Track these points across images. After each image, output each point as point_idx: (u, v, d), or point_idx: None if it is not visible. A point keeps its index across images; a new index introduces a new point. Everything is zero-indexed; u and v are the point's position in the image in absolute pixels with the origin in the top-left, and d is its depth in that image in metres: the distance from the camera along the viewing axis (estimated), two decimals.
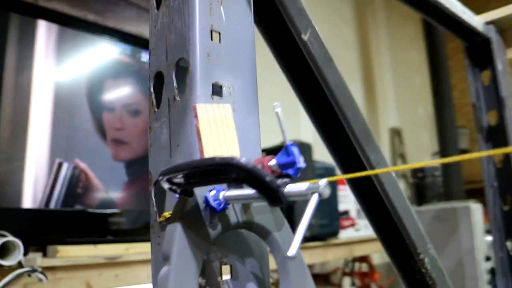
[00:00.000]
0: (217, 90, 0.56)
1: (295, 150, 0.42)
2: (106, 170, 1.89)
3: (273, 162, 0.44)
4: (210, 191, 0.46)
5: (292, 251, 0.35)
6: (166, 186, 0.45)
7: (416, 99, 6.05)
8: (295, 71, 0.80)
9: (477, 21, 1.35)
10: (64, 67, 1.87)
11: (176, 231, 0.44)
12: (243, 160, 0.36)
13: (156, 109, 0.60)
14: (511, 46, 1.43)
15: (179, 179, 0.42)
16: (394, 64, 5.63)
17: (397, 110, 5.42)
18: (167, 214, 0.55)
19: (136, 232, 1.87)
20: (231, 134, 0.47)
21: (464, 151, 4.64)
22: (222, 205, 0.45)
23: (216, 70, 0.57)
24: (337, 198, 3.18)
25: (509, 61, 1.42)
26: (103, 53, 2.06)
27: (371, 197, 0.88)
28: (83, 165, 1.83)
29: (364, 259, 4.02)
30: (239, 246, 0.55)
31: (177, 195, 0.48)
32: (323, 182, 0.38)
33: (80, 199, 1.82)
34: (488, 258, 2.23)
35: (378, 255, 4.27)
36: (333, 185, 3.22)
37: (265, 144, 0.99)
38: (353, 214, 3.51)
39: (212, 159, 0.38)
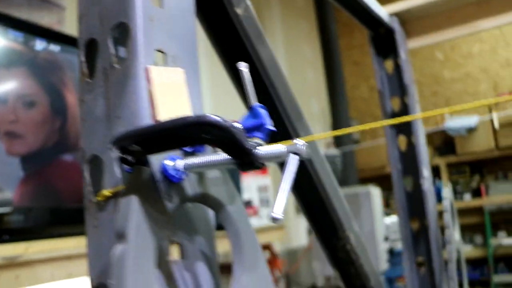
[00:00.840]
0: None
1: (262, 111, 0.40)
2: None
3: (238, 125, 0.41)
4: (165, 160, 0.42)
5: (277, 212, 0.33)
6: (116, 156, 0.40)
7: (310, 93, 6.30)
8: (226, 46, 0.78)
9: (382, 12, 1.42)
10: None
11: (132, 205, 0.40)
12: (218, 118, 0.33)
13: (89, 79, 0.54)
14: (412, 37, 1.53)
15: (135, 147, 0.38)
16: (289, 59, 5.80)
17: None
18: (106, 192, 0.50)
19: (36, 230, 1.72)
20: (184, 101, 0.44)
21: (356, 142, 4.92)
22: (179, 175, 0.42)
23: (159, 35, 0.52)
24: (240, 187, 3.20)
25: (410, 51, 1.52)
26: None
27: (301, 177, 0.88)
28: None
29: (266, 247, 4.10)
30: (187, 222, 0.51)
31: (127, 167, 0.43)
32: (301, 142, 0.36)
33: None
34: (386, 238, 2.38)
35: (280, 243, 4.38)
36: (236, 175, 3.23)
37: None
38: (256, 203, 3.56)
39: (183, 118, 0.34)
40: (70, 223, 1.87)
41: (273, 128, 0.40)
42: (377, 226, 2.26)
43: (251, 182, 3.52)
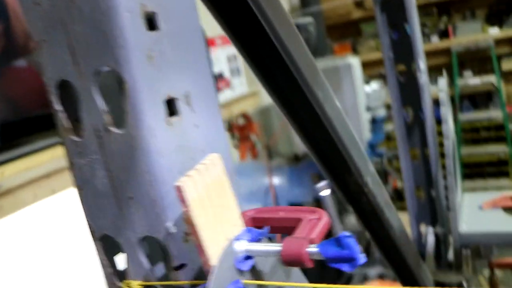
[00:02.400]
0: (171, 108, 0.39)
1: (352, 242, 0.29)
2: None
3: (313, 249, 0.31)
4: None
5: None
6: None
7: None
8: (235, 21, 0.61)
9: None
10: None
11: None
12: None
13: (76, 138, 0.40)
14: None
15: None
16: None
17: None
18: (134, 283, 0.41)
19: (5, 148, 1.59)
20: (228, 199, 0.33)
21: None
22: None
23: (164, 76, 0.38)
24: (210, 60, 3.05)
25: None
26: None
27: (316, 131, 0.79)
28: None
29: (243, 115, 4.09)
30: None
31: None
32: None
33: None
34: (368, 108, 2.36)
35: (252, 108, 4.38)
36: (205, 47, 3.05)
37: None
38: (227, 74, 3.44)
39: None
40: (38, 133, 1.74)
41: (364, 261, 0.30)
42: (359, 98, 2.22)
43: (219, 54, 3.35)
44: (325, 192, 0.30)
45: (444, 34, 4.42)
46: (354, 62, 2.19)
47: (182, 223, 0.38)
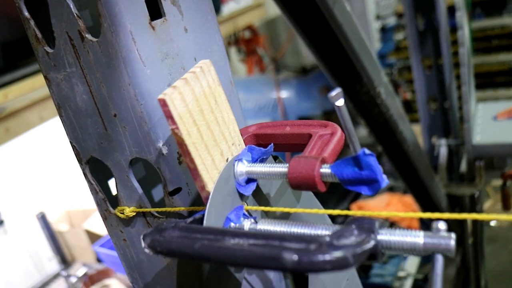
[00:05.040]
0: (154, 8, 0.32)
1: (373, 161, 0.25)
2: None
3: (326, 169, 0.27)
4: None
5: None
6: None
7: None
8: None
9: None
10: None
11: None
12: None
13: (48, 49, 0.35)
14: None
15: None
16: None
17: None
18: (129, 211, 0.37)
19: (10, 69, 1.54)
20: (224, 113, 0.28)
21: None
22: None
23: None
24: None
25: None
26: None
27: (325, 37, 0.72)
28: None
29: (248, 27, 3.94)
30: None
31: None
32: (443, 226, 0.23)
33: None
34: (377, 17, 2.23)
35: (258, 20, 4.20)
36: None
37: None
38: None
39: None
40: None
41: (386, 183, 0.25)
42: (368, 6, 2.09)
43: None
44: (340, 102, 0.25)
45: None
46: None
47: (175, 143, 0.33)
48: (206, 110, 0.27)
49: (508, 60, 4.15)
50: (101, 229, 2.01)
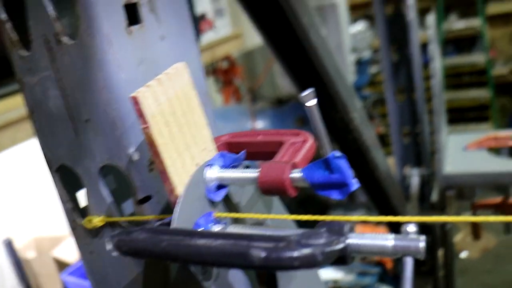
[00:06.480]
0: (132, 14, 0.33)
1: (343, 164, 0.25)
2: None
3: (297, 174, 0.27)
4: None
5: None
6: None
7: None
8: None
9: None
10: None
11: None
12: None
13: (23, 52, 0.35)
14: None
15: None
16: None
17: None
18: (97, 220, 0.37)
19: None
20: (197, 117, 0.28)
21: None
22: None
23: None
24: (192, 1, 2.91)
25: None
26: None
27: (301, 60, 0.73)
28: None
29: (226, 58, 3.98)
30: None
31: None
32: (412, 229, 0.23)
33: None
34: (353, 50, 2.29)
35: (236, 51, 4.26)
36: None
37: None
38: (210, 15, 3.31)
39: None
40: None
41: (356, 187, 0.26)
42: (344, 39, 2.15)
43: None
44: (311, 102, 0.25)
45: None
46: (340, 1, 2.11)
47: (147, 149, 0.33)
48: (179, 113, 0.27)
49: (478, 96, 4.29)
50: (71, 256, 1.95)
